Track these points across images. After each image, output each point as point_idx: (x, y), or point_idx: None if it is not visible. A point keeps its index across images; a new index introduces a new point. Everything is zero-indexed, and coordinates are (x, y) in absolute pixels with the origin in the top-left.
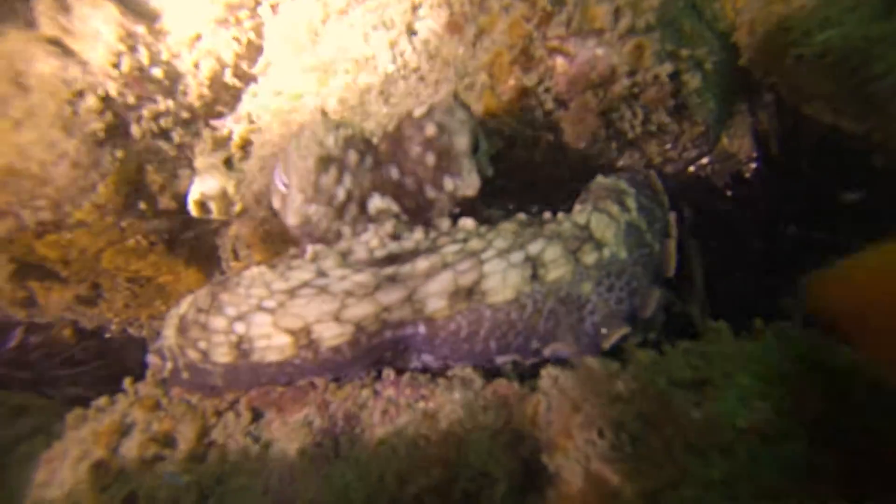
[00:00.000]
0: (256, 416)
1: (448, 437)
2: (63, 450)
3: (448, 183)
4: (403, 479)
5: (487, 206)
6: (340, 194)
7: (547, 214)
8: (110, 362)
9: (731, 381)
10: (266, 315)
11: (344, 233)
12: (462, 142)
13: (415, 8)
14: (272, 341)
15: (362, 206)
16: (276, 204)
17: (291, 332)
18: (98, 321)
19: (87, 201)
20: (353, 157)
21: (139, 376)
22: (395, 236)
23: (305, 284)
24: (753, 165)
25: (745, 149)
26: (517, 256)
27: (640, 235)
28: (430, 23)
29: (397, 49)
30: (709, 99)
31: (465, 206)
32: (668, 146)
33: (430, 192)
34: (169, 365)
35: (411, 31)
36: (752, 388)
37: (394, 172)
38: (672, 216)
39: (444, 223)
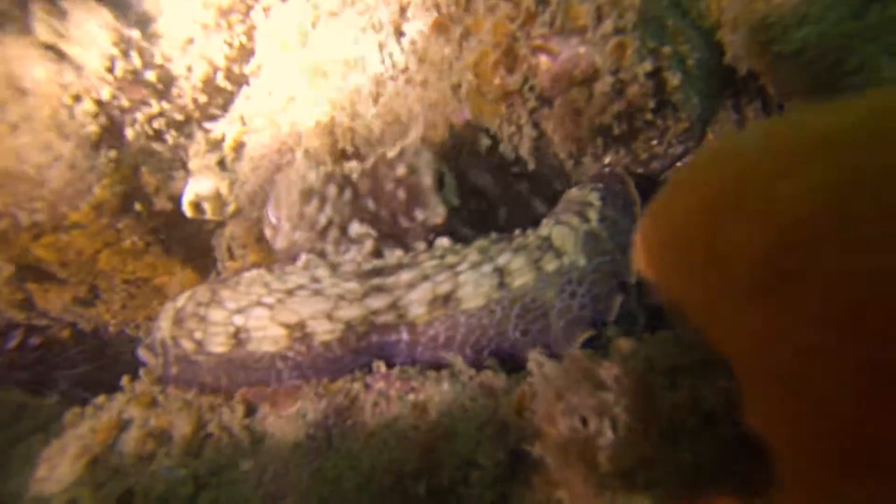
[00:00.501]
0: (251, 410)
1: (436, 426)
2: (62, 447)
3: (419, 214)
4: (393, 467)
5: (464, 224)
6: (322, 220)
7: (517, 231)
8: (108, 363)
9: (705, 367)
10: (265, 309)
11: (328, 251)
12: (428, 180)
13: (403, 10)
14: (268, 332)
15: (343, 231)
16: (268, 234)
17: (287, 326)
18: (96, 322)
19: (83, 203)
20: (332, 190)
21: (136, 375)
22: (377, 254)
23: (301, 287)
24: None
25: None
26: (487, 267)
27: (599, 244)
28: (418, 24)
29: (386, 51)
30: (693, 95)
31: (439, 231)
32: (654, 142)
33: (404, 222)
34: (160, 360)
35: (399, 33)
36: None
37: (371, 204)
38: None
39: (421, 245)
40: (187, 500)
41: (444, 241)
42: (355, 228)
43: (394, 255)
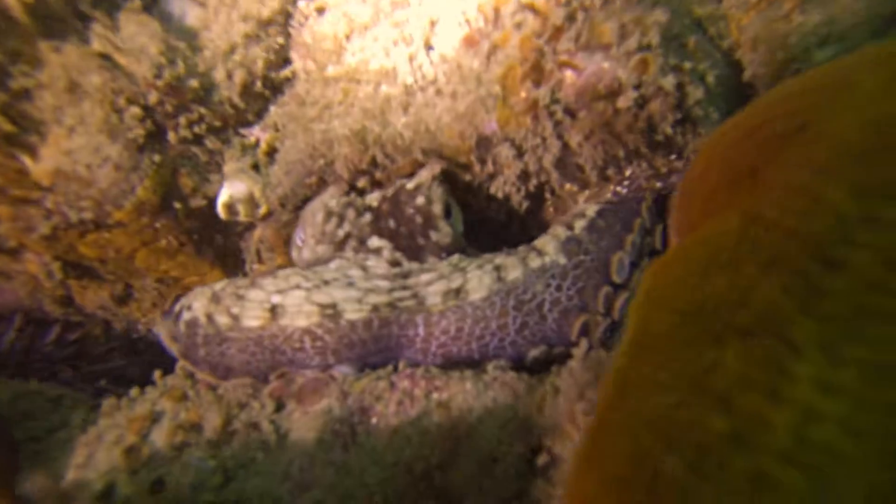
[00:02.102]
0: (278, 406)
1: (459, 423)
2: (98, 434)
3: (433, 235)
4: (415, 462)
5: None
6: (341, 234)
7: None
8: (137, 361)
9: None
10: (302, 291)
11: (349, 258)
12: (438, 209)
13: (432, 24)
14: (303, 308)
15: (362, 242)
16: (294, 255)
17: (320, 305)
18: (127, 321)
19: (127, 202)
20: (351, 213)
21: (166, 372)
22: (394, 264)
23: (336, 280)
24: None
25: None
26: (488, 266)
27: (581, 245)
28: (447, 38)
29: (416, 63)
30: (712, 112)
31: (450, 250)
32: (674, 157)
33: (420, 241)
34: (187, 341)
35: (429, 46)
36: None
37: (392, 223)
38: (630, 237)
39: (433, 260)
40: (216, 490)
41: (455, 257)
42: (374, 242)
43: (413, 264)
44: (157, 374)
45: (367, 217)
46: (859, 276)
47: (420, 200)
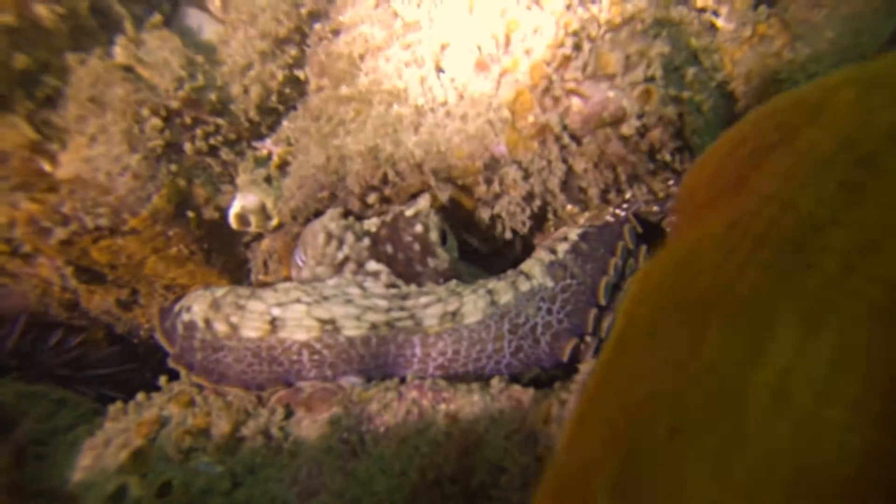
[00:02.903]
0: (287, 413)
1: (467, 433)
2: (105, 438)
3: (430, 262)
4: (425, 471)
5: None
6: (340, 256)
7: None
8: (138, 366)
9: None
10: (302, 305)
11: (350, 280)
12: (434, 236)
13: (443, 48)
14: (303, 322)
15: (360, 265)
16: (294, 274)
17: (320, 320)
18: (129, 326)
19: (142, 210)
20: (350, 237)
21: (169, 376)
22: (392, 286)
23: (335, 296)
24: None
25: None
26: (482, 291)
27: (566, 269)
28: (457, 62)
29: (427, 84)
30: (707, 140)
31: (447, 276)
32: (671, 182)
33: (418, 267)
34: (183, 343)
35: (439, 69)
36: None
37: (389, 248)
38: (612, 260)
39: (431, 285)
40: (224, 496)
41: (452, 283)
42: (372, 266)
43: (412, 287)
44: (162, 379)
45: (366, 242)
46: (825, 276)
47: (418, 228)
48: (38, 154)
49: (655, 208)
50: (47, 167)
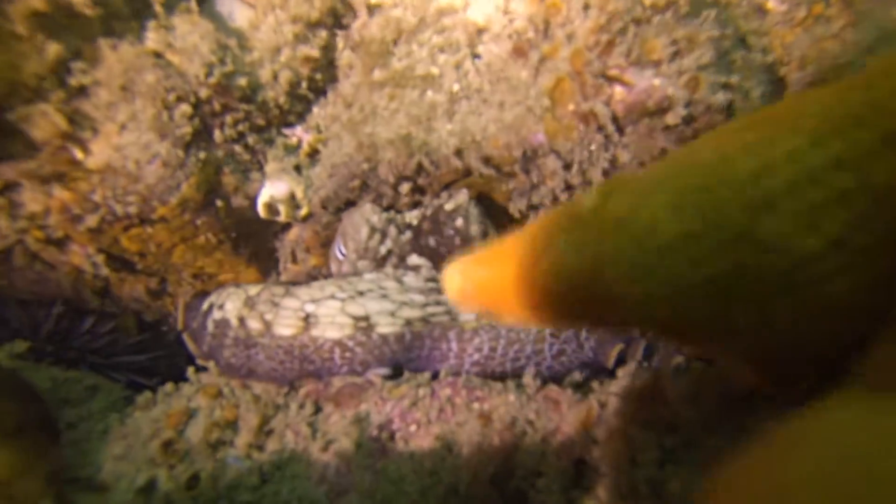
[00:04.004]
0: (316, 409)
1: (503, 436)
2: (136, 427)
3: None
4: (457, 471)
5: None
6: (383, 250)
7: None
8: (166, 354)
9: None
10: (336, 301)
11: (387, 273)
12: (475, 229)
13: (479, 32)
14: (336, 319)
15: (402, 259)
16: (333, 268)
17: (354, 317)
18: (158, 315)
19: (172, 198)
20: (393, 230)
21: (196, 366)
22: (431, 280)
23: (371, 290)
24: None
25: None
26: None
27: None
28: (494, 47)
29: (461, 70)
30: None
31: None
32: None
33: None
34: (212, 341)
35: (475, 55)
36: None
37: (432, 241)
38: None
39: None
40: (252, 490)
41: None
42: (413, 260)
43: None
44: (190, 370)
45: (408, 235)
46: None
47: (459, 222)
48: (70, 141)
49: None
50: (79, 155)
